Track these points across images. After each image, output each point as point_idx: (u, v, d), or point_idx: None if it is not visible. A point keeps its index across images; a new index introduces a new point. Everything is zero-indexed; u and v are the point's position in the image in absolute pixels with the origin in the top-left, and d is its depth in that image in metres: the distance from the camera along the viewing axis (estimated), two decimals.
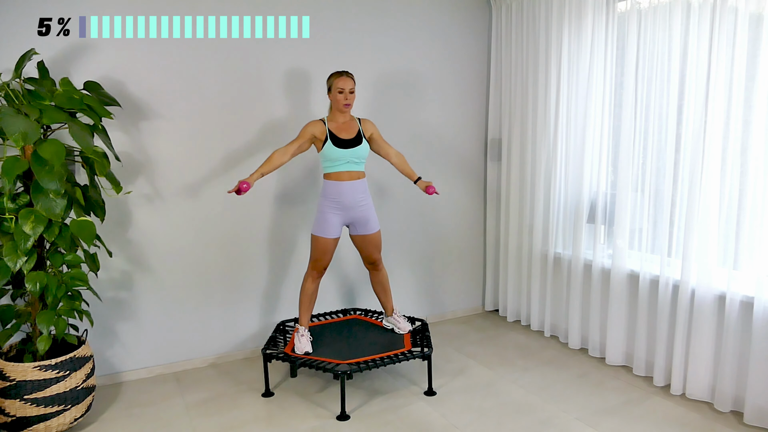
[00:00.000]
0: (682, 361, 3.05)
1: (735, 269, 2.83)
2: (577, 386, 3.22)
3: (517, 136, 4.04)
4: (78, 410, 2.71)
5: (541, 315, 4.04)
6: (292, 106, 3.64)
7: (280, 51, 3.56)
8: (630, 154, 3.28)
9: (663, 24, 3.07)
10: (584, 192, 3.58)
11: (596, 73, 3.46)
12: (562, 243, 3.83)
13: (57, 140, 2.50)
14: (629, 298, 3.39)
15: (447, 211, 4.28)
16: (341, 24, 3.72)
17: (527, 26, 3.89)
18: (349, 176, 3.13)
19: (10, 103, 2.59)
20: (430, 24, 4.03)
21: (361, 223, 3.22)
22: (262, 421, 2.90)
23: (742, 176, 2.81)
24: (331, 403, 3.04)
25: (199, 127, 3.41)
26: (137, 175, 3.28)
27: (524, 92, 3.96)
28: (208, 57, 3.38)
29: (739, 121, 2.80)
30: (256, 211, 3.61)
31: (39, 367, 2.58)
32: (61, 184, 2.49)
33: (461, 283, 4.44)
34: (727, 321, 2.84)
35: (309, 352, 3.11)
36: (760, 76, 2.69)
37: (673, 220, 3.12)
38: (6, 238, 2.54)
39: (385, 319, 3.51)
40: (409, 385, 3.26)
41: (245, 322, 3.68)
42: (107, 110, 2.78)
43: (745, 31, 2.73)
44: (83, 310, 2.78)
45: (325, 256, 3.18)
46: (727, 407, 2.88)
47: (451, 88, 4.18)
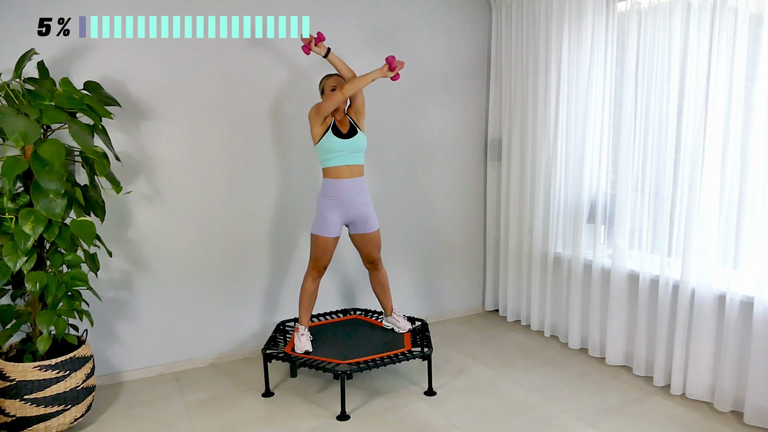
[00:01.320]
0: (682, 361, 3.05)
1: (735, 269, 2.83)
2: (577, 386, 3.22)
3: (517, 136, 4.04)
4: (78, 410, 2.71)
5: (541, 315, 4.04)
6: (291, 105, 3.64)
7: (280, 51, 3.56)
8: (630, 154, 3.28)
9: (663, 24, 3.07)
10: (584, 192, 3.58)
11: (596, 73, 3.46)
12: (562, 243, 3.83)
13: (57, 140, 2.50)
14: (629, 298, 3.39)
15: (447, 211, 4.29)
16: (341, 24, 3.72)
17: (527, 26, 3.89)
18: (349, 172, 3.13)
19: (10, 103, 2.59)
20: (430, 24, 4.03)
21: (360, 221, 3.22)
22: (262, 421, 2.90)
23: (742, 176, 2.81)
24: (331, 403, 3.04)
25: (199, 127, 3.41)
26: (137, 175, 3.28)
27: (524, 92, 3.96)
28: (208, 57, 3.38)
29: (739, 121, 2.80)
30: (257, 210, 3.61)
31: (39, 367, 2.58)
32: (61, 184, 2.49)
33: (461, 283, 4.44)
34: (727, 321, 2.84)
35: (309, 351, 3.11)
36: (760, 76, 2.69)
37: (673, 220, 3.11)
38: (6, 238, 2.54)
39: (384, 319, 3.51)
40: (409, 385, 3.26)
41: (245, 322, 3.68)
42: (107, 110, 2.78)
43: (745, 31, 2.73)
44: (83, 310, 2.78)
45: (325, 256, 3.18)
46: (727, 407, 2.88)
47: (451, 88, 4.18)
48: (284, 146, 3.65)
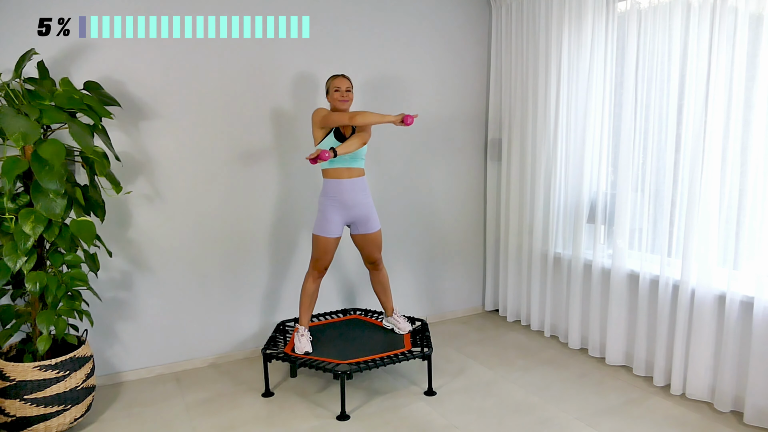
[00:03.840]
0: (682, 361, 3.05)
1: (735, 269, 2.83)
2: (577, 386, 3.22)
3: (517, 136, 4.04)
4: (78, 410, 2.71)
5: (541, 315, 4.04)
6: (292, 106, 3.64)
7: (280, 51, 3.56)
8: (630, 154, 3.28)
9: (663, 24, 3.07)
10: (584, 192, 3.58)
11: (596, 73, 3.46)
12: (562, 243, 3.83)
13: (57, 140, 2.50)
14: (629, 298, 3.39)
15: (447, 211, 4.28)
16: (341, 24, 3.72)
17: (527, 26, 3.89)
18: (349, 174, 3.13)
19: (10, 103, 2.59)
20: (430, 23, 4.03)
21: (361, 222, 3.22)
22: (262, 421, 2.90)
23: (742, 176, 2.81)
24: (331, 403, 3.04)
25: (200, 126, 3.41)
26: (137, 175, 3.28)
27: (524, 92, 3.96)
28: (208, 57, 3.38)
29: (739, 121, 2.80)
30: (257, 210, 3.61)
31: (39, 367, 2.58)
32: (61, 184, 2.49)
33: (461, 283, 4.44)
34: (727, 321, 2.84)
35: (309, 352, 3.11)
36: (760, 76, 2.69)
37: (673, 220, 3.12)
38: (6, 238, 2.54)
39: (385, 319, 3.51)
40: (409, 385, 3.26)
41: (245, 322, 3.68)
42: (107, 110, 2.78)
43: (745, 31, 2.73)
44: (83, 310, 2.78)
45: (326, 256, 3.18)
46: (727, 407, 2.88)
47: (451, 88, 4.18)
48: (285, 146, 3.64)
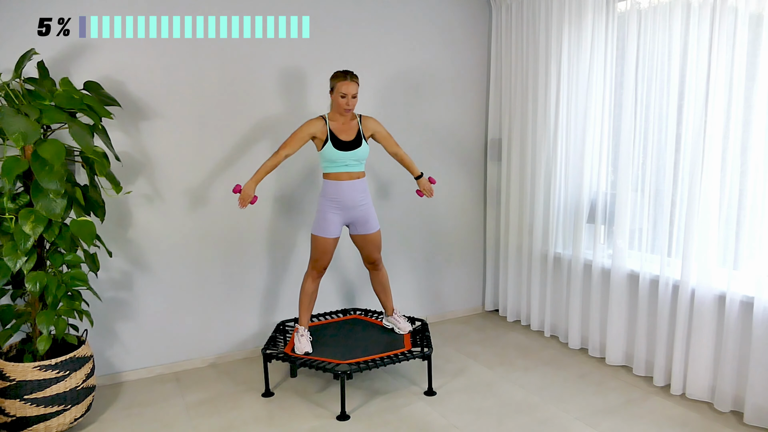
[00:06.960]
0: (682, 361, 3.05)
1: (735, 269, 2.83)
2: (577, 386, 3.22)
3: (517, 136, 4.04)
4: (78, 410, 2.71)
5: (541, 315, 4.04)
6: (291, 105, 3.64)
7: (280, 51, 3.56)
8: (630, 154, 3.28)
9: (663, 24, 3.07)
10: (584, 192, 3.58)
11: (596, 73, 3.46)
12: (562, 243, 3.83)
13: (57, 140, 2.50)
14: (629, 298, 3.39)
15: (447, 211, 4.28)
16: (341, 24, 3.72)
17: (527, 26, 3.89)
18: (349, 176, 3.13)
19: (10, 103, 2.59)
20: (430, 24, 4.03)
21: (360, 222, 3.22)
22: (262, 421, 2.90)
23: (742, 176, 2.81)
24: (331, 403, 3.04)
25: (200, 126, 3.41)
26: (137, 175, 3.28)
27: (524, 92, 3.96)
28: (208, 57, 3.38)
29: (739, 121, 2.80)
30: (256, 210, 3.61)
31: (39, 367, 2.58)
32: (61, 184, 2.49)
33: (461, 283, 4.44)
34: (727, 321, 2.84)
35: (309, 352, 3.11)
36: (760, 76, 2.69)
37: (673, 220, 3.11)
38: (6, 238, 2.54)
39: (385, 319, 3.51)
40: (409, 385, 3.26)
41: (245, 322, 3.68)
42: (107, 110, 2.78)
43: (745, 31, 2.73)
44: (83, 310, 2.78)
45: (325, 256, 3.18)
46: (727, 407, 2.88)
47: (451, 88, 4.17)
48: None
